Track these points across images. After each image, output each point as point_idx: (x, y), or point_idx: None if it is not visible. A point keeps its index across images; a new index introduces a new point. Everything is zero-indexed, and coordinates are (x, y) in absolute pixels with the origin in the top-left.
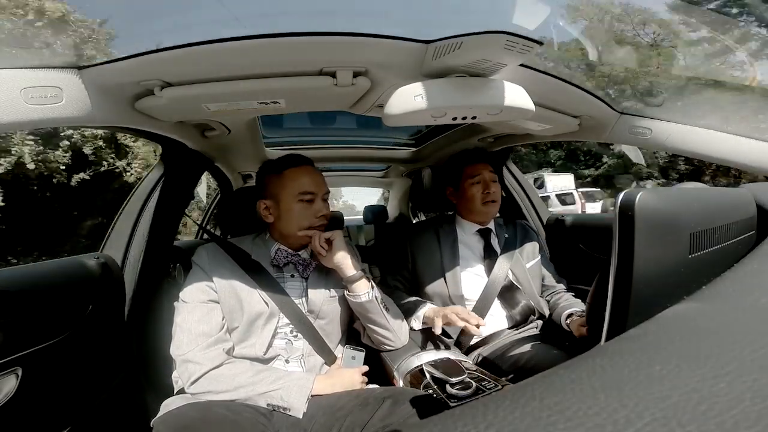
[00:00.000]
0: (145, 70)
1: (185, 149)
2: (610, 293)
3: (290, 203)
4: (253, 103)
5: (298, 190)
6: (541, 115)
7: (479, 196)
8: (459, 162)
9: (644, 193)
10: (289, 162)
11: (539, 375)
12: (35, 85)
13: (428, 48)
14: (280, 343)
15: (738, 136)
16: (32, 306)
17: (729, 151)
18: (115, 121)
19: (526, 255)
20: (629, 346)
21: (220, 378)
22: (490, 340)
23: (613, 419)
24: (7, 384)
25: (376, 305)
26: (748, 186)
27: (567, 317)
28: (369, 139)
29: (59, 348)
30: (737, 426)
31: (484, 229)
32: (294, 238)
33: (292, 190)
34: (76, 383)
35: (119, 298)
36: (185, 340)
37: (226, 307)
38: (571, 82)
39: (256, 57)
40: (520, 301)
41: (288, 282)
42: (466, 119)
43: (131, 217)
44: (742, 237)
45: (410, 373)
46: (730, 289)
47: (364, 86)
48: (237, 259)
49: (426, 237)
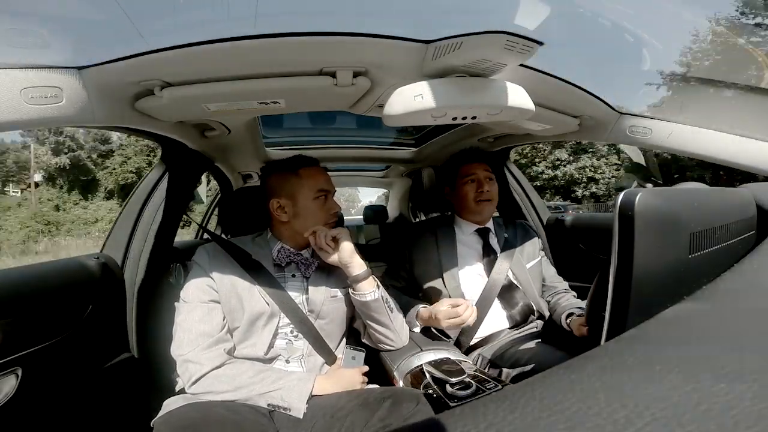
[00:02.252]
0: (145, 70)
1: (185, 149)
2: (610, 293)
3: (308, 201)
4: (253, 103)
5: (316, 187)
6: (541, 115)
7: (472, 194)
8: (455, 162)
9: (644, 193)
10: (302, 162)
11: (539, 375)
12: (35, 85)
13: (428, 48)
14: (280, 343)
15: (738, 136)
16: (32, 306)
17: (729, 151)
18: (115, 121)
19: (526, 255)
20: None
21: (221, 378)
22: (490, 340)
23: (613, 419)
24: (7, 384)
25: (381, 305)
26: (748, 186)
27: (567, 317)
28: (369, 139)
29: (59, 348)
30: (737, 426)
31: (482, 229)
32: (302, 236)
33: (310, 188)
34: (76, 383)
35: (119, 298)
36: (186, 340)
37: (226, 307)
38: (571, 82)
39: (256, 57)
40: (519, 301)
41: (289, 282)
42: (466, 119)
43: (131, 217)
44: (742, 237)
45: (410, 373)
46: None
47: (364, 86)
48: (237, 259)
49: (424, 237)
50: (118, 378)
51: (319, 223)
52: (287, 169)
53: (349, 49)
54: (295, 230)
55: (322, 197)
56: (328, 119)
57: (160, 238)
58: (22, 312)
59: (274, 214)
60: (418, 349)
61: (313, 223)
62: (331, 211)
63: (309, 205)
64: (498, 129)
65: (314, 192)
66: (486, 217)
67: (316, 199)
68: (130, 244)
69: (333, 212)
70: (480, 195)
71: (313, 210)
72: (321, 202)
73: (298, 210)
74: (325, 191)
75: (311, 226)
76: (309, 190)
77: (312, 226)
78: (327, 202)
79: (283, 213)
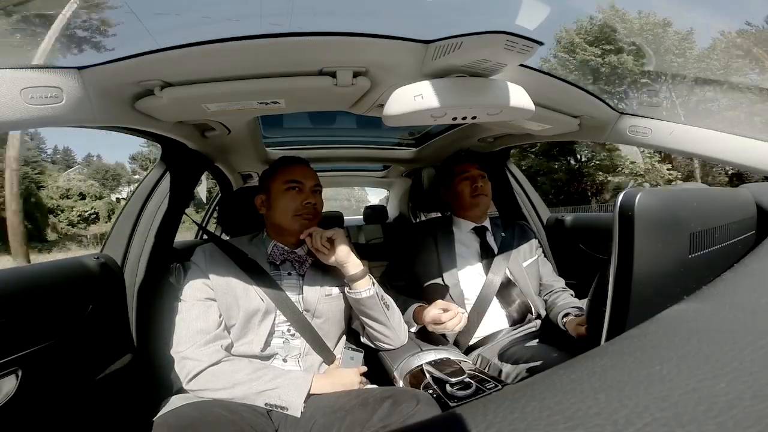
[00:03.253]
0: (145, 70)
1: (185, 149)
2: (610, 293)
3: (278, 191)
4: (253, 103)
5: (286, 178)
6: (541, 115)
7: (468, 190)
8: (449, 164)
9: (644, 193)
10: (284, 160)
11: (539, 375)
12: (35, 85)
13: (428, 48)
14: (277, 342)
15: (738, 136)
16: (32, 306)
17: (729, 151)
18: (115, 121)
19: (523, 254)
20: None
21: (218, 375)
22: (490, 339)
23: (613, 419)
24: (7, 384)
25: (377, 301)
26: (748, 186)
27: (563, 317)
28: (369, 139)
29: (59, 348)
30: (737, 426)
31: (479, 228)
32: (289, 232)
33: (280, 179)
34: (76, 383)
35: (119, 298)
36: (183, 338)
37: (222, 305)
38: (571, 82)
39: (256, 57)
40: (516, 299)
41: (285, 280)
42: (466, 119)
43: (131, 217)
44: (742, 237)
45: (410, 373)
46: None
47: (364, 86)
48: (234, 258)
49: (423, 237)
50: (118, 378)
51: (290, 213)
52: (271, 168)
53: (349, 49)
54: (273, 222)
55: (294, 189)
56: (328, 119)
57: (160, 238)
58: (21, 312)
59: (258, 209)
60: (418, 349)
61: (283, 213)
62: (304, 201)
63: (279, 195)
64: (498, 129)
65: (284, 183)
66: (482, 211)
67: (287, 190)
68: (130, 244)
69: (306, 202)
70: (475, 190)
71: (285, 201)
72: (293, 193)
73: (271, 201)
74: (296, 182)
75: (282, 216)
76: (280, 182)
77: (283, 216)
78: (301, 194)
79: (262, 206)
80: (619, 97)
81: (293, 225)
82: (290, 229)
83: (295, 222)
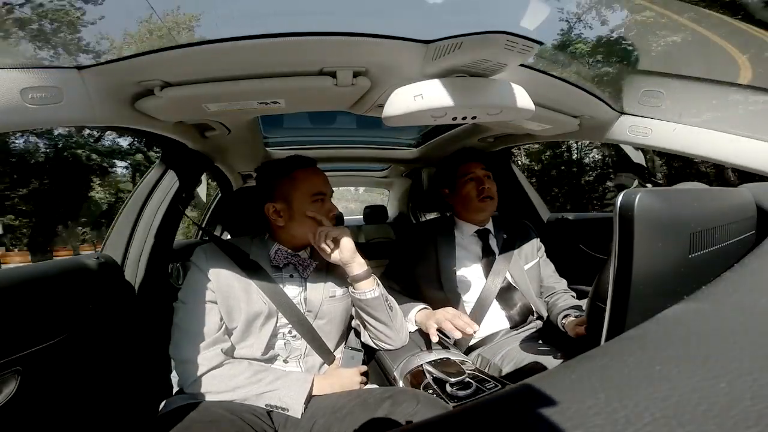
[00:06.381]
0: (145, 70)
1: (185, 149)
2: (609, 293)
3: (304, 205)
4: (253, 103)
5: (312, 191)
6: (541, 115)
7: (475, 192)
8: (452, 163)
9: (644, 193)
10: (296, 163)
11: (539, 375)
12: (35, 85)
13: (428, 48)
14: (278, 344)
15: (738, 136)
16: (32, 306)
17: (729, 151)
18: (115, 121)
19: (524, 256)
20: (629, 346)
21: (219, 378)
22: (490, 340)
23: (613, 419)
24: (7, 384)
25: (381, 302)
26: (748, 186)
27: (563, 317)
28: (369, 139)
29: (59, 348)
30: (737, 426)
31: (482, 231)
32: (300, 239)
33: (305, 192)
34: (76, 383)
35: (119, 298)
36: (184, 341)
37: (224, 308)
38: (571, 82)
39: (256, 57)
40: (518, 302)
41: (287, 282)
42: (466, 119)
43: (131, 217)
44: (742, 237)
45: (410, 373)
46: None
47: (364, 86)
48: (235, 259)
49: (423, 240)
50: (118, 378)
51: (315, 227)
52: (282, 171)
53: (349, 49)
54: (292, 234)
55: (319, 201)
56: (329, 119)
57: (160, 238)
58: (21, 312)
59: (270, 218)
60: (418, 349)
61: (311, 229)
62: (330, 213)
63: (305, 210)
64: (498, 129)
65: (310, 196)
66: (488, 216)
67: (313, 203)
68: (130, 244)
69: (331, 215)
70: (482, 192)
71: (311, 213)
72: (318, 205)
73: (294, 214)
74: (321, 194)
75: (309, 231)
76: (305, 194)
77: (308, 230)
78: (324, 205)
79: (278, 218)
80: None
81: (310, 232)
82: (306, 239)
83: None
